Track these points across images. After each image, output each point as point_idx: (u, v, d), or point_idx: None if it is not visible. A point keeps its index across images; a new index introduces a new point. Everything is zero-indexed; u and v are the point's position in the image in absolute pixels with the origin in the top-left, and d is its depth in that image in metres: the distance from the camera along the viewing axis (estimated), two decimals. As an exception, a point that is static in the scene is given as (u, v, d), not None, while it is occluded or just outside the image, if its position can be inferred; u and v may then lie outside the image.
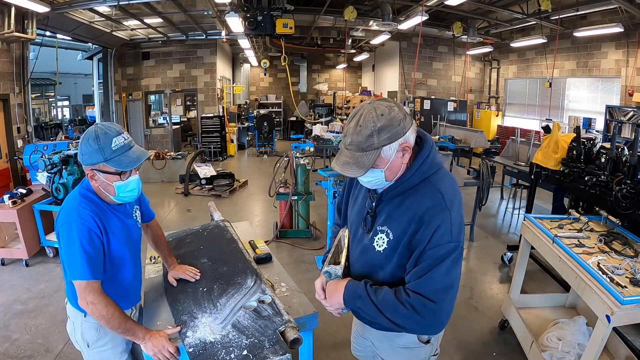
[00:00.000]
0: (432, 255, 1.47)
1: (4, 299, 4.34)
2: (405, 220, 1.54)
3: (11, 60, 7.75)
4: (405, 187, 1.57)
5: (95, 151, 1.75)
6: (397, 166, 1.54)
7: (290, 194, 5.74)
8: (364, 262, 1.71)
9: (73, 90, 20.24)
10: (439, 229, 1.47)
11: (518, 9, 9.86)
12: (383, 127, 1.44)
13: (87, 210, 1.81)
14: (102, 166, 1.78)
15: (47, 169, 4.92)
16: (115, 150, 1.76)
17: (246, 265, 2.34)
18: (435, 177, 1.57)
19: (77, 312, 1.98)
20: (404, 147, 1.50)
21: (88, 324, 1.99)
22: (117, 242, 1.92)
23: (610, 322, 2.22)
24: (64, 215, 1.82)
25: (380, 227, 1.62)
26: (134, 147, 1.85)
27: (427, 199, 1.52)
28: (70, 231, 1.76)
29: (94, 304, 1.76)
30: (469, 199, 7.17)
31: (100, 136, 1.75)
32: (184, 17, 10.54)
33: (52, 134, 11.14)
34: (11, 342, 3.59)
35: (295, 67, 18.61)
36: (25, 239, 5.06)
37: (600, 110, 9.70)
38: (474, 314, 4.11)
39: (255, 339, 1.72)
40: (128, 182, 1.85)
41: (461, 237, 1.51)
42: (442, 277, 1.47)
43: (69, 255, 1.76)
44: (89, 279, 1.75)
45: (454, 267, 1.50)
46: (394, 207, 1.60)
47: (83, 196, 1.86)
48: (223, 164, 12.05)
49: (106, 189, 1.85)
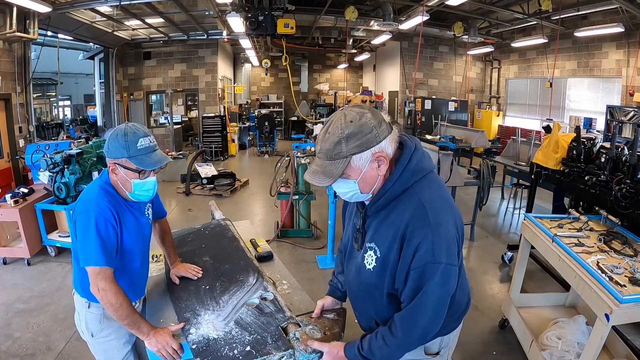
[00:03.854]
0: (414, 278, 1.40)
1: (6, 298, 4.36)
2: (391, 235, 1.45)
3: (13, 60, 7.77)
4: (388, 199, 1.47)
5: (121, 147, 1.85)
6: (371, 177, 1.44)
7: (291, 194, 5.76)
8: (358, 282, 1.64)
9: (74, 90, 20.25)
10: (419, 248, 1.37)
11: (519, 9, 9.87)
12: (351, 135, 1.36)
13: (105, 201, 1.89)
14: (125, 162, 1.87)
15: (49, 168, 4.93)
16: (139, 149, 1.86)
17: (248, 263, 2.36)
18: (419, 186, 1.46)
19: (82, 302, 2.06)
20: (378, 157, 1.40)
21: (92, 315, 2.06)
22: (129, 237, 2.00)
23: (609, 321, 2.23)
24: (82, 204, 1.90)
25: (369, 244, 1.54)
26: (157, 151, 1.96)
27: (409, 211, 1.42)
28: (88, 219, 1.84)
29: (105, 290, 1.82)
30: (469, 198, 7.19)
31: (129, 134, 1.86)
32: (185, 17, 10.56)
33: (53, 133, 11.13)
34: (13, 341, 3.60)
35: (296, 66, 18.64)
36: (27, 238, 5.07)
37: (601, 110, 9.71)
38: (474, 314, 4.10)
39: (258, 335, 1.74)
40: (145, 182, 1.94)
41: (448, 255, 1.40)
42: (422, 303, 1.41)
43: (84, 242, 1.84)
44: (102, 265, 1.82)
45: (438, 288, 1.40)
46: (379, 221, 1.51)
47: (102, 188, 1.94)
48: (224, 164, 12.06)
49: (124, 184, 1.93)
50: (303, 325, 1.74)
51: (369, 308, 1.67)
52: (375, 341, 1.50)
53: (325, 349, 1.59)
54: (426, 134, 11.35)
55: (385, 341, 1.47)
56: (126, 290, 1.92)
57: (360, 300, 1.70)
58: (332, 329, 1.73)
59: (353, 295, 1.74)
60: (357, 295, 1.70)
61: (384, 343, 1.48)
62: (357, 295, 1.70)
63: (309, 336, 1.67)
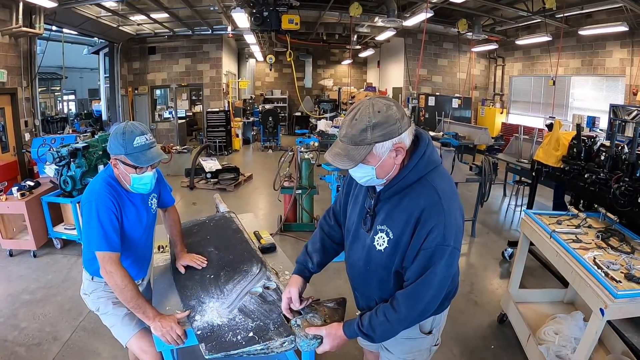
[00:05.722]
0: (424, 257, 1.50)
1: (13, 289, 4.42)
2: (404, 219, 1.55)
3: (19, 54, 7.83)
4: (402, 186, 1.57)
5: (119, 144, 2.04)
6: (389, 165, 1.54)
7: (295, 188, 5.81)
8: (366, 262, 1.72)
9: (79, 84, 20.24)
10: (432, 231, 1.48)
11: (523, 7, 9.83)
12: (378, 124, 1.44)
13: (106, 192, 2.08)
14: (123, 158, 2.06)
15: (56, 161, 4.97)
16: (135, 147, 2.04)
17: (251, 254, 2.42)
18: (431, 176, 1.57)
19: (86, 273, 2.34)
20: (397, 147, 1.50)
21: (88, 282, 2.34)
22: (129, 224, 2.21)
23: (604, 315, 2.26)
24: (87, 196, 2.10)
25: (380, 227, 1.63)
26: (153, 148, 2.13)
27: (424, 198, 1.53)
28: (90, 209, 2.03)
29: (111, 273, 2.00)
30: (470, 195, 7.22)
31: (127, 133, 2.04)
32: (190, 13, 10.59)
33: (58, 127, 11.17)
34: (19, 331, 3.66)
35: (300, 62, 18.62)
36: (33, 231, 5.14)
37: (604, 109, 9.70)
38: (473, 308, 4.16)
39: (261, 321, 1.81)
40: (142, 177, 2.12)
41: (455, 240, 1.52)
42: (428, 281, 1.52)
43: (89, 230, 2.04)
44: (106, 251, 2.01)
45: (444, 269, 1.52)
46: (392, 206, 1.61)
47: (105, 181, 2.14)
48: (228, 158, 12.12)
49: (124, 178, 2.13)
50: (304, 313, 1.80)
51: (372, 287, 1.75)
52: (376, 317, 1.59)
53: (323, 332, 1.67)
54: (429, 131, 11.34)
55: (387, 317, 1.56)
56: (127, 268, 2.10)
57: (363, 279, 1.78)
58: (332, 318, 1.78)
59: (356, 274, 1.82)
60: (362, 274, 1.77)
61: (385, 319, 1.57)
62: (362, 274, 1.77)
63: (310, 323, 1.73)
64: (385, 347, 1.89)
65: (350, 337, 1.67)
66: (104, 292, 2.31)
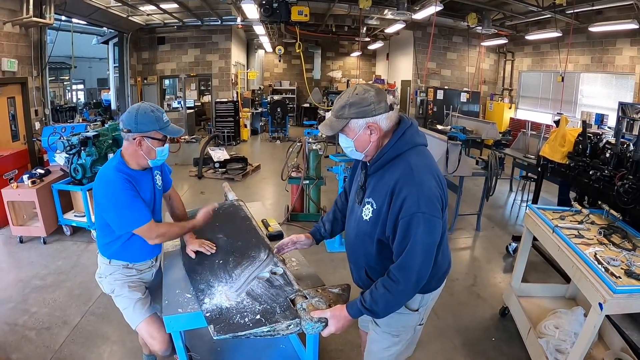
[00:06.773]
0: (402, 226, 1.65)
1: (23, 275, 4.51)
2: (384, 191, 1.73)
3: (29, 44, 7.88)
4: (384, 161, 1.78)
5: (152, 120, 2.20)
6: (364, 141, 1.78)
7: (302, 178, 5.85)
8: (356, 232, 1.92)
9: (87, 74, 20.35)
10: (406, 201, 1.64)
11: (533, 2, 9.75)
12: (354, 103, 1.71)
13: (122, 179, 2.20)
14: (154, 133, 2.22)
15: (66, 150, 5.05)
16: (166, 122, 2.25)
17: (259, 240, 2.49)
18: (409, 153, 1.76)
19: (102, 257, 2.46)
20: (370, 126, 1.74)
21: (105, 266, 2.47)
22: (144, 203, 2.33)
23: (602, 310, 2.28)
24: (104, 182, 2.22)
25: (367, 199, 1.84)
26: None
27: (399, 171, 1.72)
28: (115, 195, 2.16)
29: (160, 237, 2.29)
30: (477, 189, 7.24)
31: (155, 110, 2.22)
32: (200, 3, 10.64)
33: (67, 116, 11.27)
34: (30, 315, 3.74)
35: (309, 54, 18.59)
36: (43, 218, 5.23)
37: (613, 107, 9.61)
38: (476, 301, 4.20)
39: (268, 305, 1.87)
40: (164, 148, 2.31)
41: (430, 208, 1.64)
42: (412, 249, 1.64)
43: (120, 215, 2.19)
44: (144, 224, 2.19)
45: (424, 236, 1.64)
46: (376, 180, 1.81)
47: (116, 169, 2.24)
48: (236, 149, 12.18)
49: (148, 153, 2.26)
50: (310, 298, 1.86)
51: (360, 256, 1.95)
52: (376, 291, 1.70)
53: (328, 314, 1.76)
54: (437, 124, 11.35)
55: (387, 288, 1.68)
56: (141, 247, 2.37)
57: (355, 248, 1.98)
58: (336, 302, 1.85)
59: (350, 245, 2.03)
60: (354, 244, 1.97)
61: (386, 290, 1.69)
62: (354, 244, 1.97)
63: (315, 307, 1.80)
64: (374, 321, 2.01)
65: (354, 316, 1.77)
66: (121, 274, 2.45)
